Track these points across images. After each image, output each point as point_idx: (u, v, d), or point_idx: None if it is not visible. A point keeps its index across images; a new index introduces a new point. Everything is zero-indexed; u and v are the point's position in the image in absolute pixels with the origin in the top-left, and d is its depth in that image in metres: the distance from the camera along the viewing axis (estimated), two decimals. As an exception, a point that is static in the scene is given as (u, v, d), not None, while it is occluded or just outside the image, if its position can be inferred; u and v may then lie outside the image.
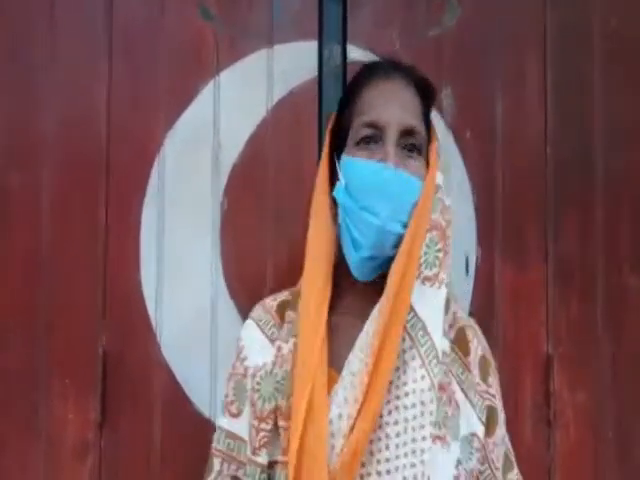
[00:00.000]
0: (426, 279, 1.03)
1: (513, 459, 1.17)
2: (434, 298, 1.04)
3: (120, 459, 1.43)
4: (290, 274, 1.29)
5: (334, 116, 1.16)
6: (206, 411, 1.45)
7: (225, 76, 1.51)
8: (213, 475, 1.10)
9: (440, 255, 1.04)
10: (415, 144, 1.06)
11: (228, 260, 1.49)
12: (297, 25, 1.52)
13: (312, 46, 1.52)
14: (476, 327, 1.18)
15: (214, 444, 1.11)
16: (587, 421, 1.56)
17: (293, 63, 1.52)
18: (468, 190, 1.56)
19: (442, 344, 1.04)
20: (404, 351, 1.01)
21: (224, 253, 1.49)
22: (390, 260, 1.03)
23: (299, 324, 1.06)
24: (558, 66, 1.60)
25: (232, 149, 1.50)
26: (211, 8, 1.51)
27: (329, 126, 1.16)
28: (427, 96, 1.12)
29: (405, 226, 1.02)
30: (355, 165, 1.04)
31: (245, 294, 1.47)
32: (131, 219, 1.47)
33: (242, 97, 1.51)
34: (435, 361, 1.01)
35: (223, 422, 1.12)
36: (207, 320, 1.47)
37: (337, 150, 1.11)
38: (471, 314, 1.52)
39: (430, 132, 1.11)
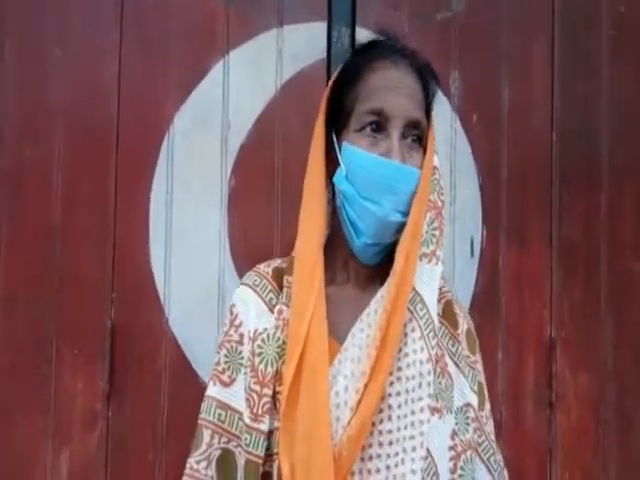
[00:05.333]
0: (424, 256, 1.04)
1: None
2: (431, 274, 1.04)
3: (127, 429, 1.45)
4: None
5: (329, 91, 1.10)
6: (212, 384, 1.47)
7: (235, 55, 1.52)
8: (203, 447, 1.04)
9: (437, 233, 1.05)
10: (418, 135, 1.05)
11: (235, 238, 1.51)
12: (307, 6, 1.54)
13: (321, 27, 1.54)
14: (458, 301, 1.18)
15: (203, 415, 1.06)
16: (588, 404, 1.58)
17: (302, 44, 1.53)
18: (474, 173, 1.57)
19: (436, 319, 1.05)
20: (405, 324, 1.01)
21: (231, 231, 1.51)
22: (392, 245, 1.04)
23: (292, 293, 1.05)
24: (565, 51, 1.61)
25: (241, 128, 1.52)
26: (222, -13, 1.53)
27: (323, 103, 1.10)
28: (430, 84, 1.09)
29: (405, 214, 1.02)
30: (358, 156, 1.03)
31: (251, 271, 1.49)
32: (140, 195, 1.49)
33: (251, 77, 1.53)
34: (432, 334, 1.02)
35: (213, 391, 1.07)
36: (214, 296, 1.49)
37: (334, 128, 1.08)
38: (475, 296, 1.54)
39: (429, 118, 1.09)
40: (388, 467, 0.98)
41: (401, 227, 1.02)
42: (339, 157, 1.06)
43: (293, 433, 0.97)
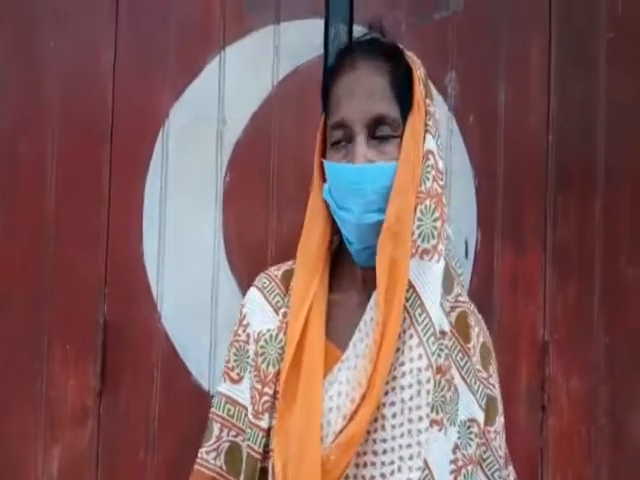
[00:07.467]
0: (424, 253, 1.00)
1: (508, 455, 1.17)
2: (432, 272, 1.00)
3: (118, 425, 1.45)
4: (291, 249, 1.29)
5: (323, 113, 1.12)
6: (204, 382, 1.47)
7: (231, 52, 1.52)
8: (213, 440, 1.09)
9: (438, 224, 1.00)
10: (387, 128, 1.02)
11: (229, 234, 1.50)
12: (304, 3, 1.53)
13: (318, 24, 1.53)
14: (477, 313, 1.15)
15: (214, 409, 1.11)
16: (581, 407, 1.57)
17: (299, 41, 1.52)
18: (469, 174, 1.56)
19: (440, 320, 1.02)
20: (404, 331, 0.99)
21: (225, 227, 1.50)
22: None
23: (291, 296, 1.06)
24: (563, 53, 1.60)
25: (236, 125, 1.51)
26: (219, -17, 1.52)
27: (320, 124, 1.11)
28: (398, 68, 1.05)
29: (384, 211, 1.00)
30: (330, 168, 1.04)
31: (245, 269, 1.48)
32: (134, 191, 1.49)
33: (247, 73, 1.52)
34: (433, 339, 0.99)
35: (223, 388, 1.11)
36: (207, 293, 1.49)
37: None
38: (469, 298, 1.53)
39: (412, 100, 1.03)
40: (383, 475, 0.98)
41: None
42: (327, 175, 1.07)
43: (287, 432, 0.99)
